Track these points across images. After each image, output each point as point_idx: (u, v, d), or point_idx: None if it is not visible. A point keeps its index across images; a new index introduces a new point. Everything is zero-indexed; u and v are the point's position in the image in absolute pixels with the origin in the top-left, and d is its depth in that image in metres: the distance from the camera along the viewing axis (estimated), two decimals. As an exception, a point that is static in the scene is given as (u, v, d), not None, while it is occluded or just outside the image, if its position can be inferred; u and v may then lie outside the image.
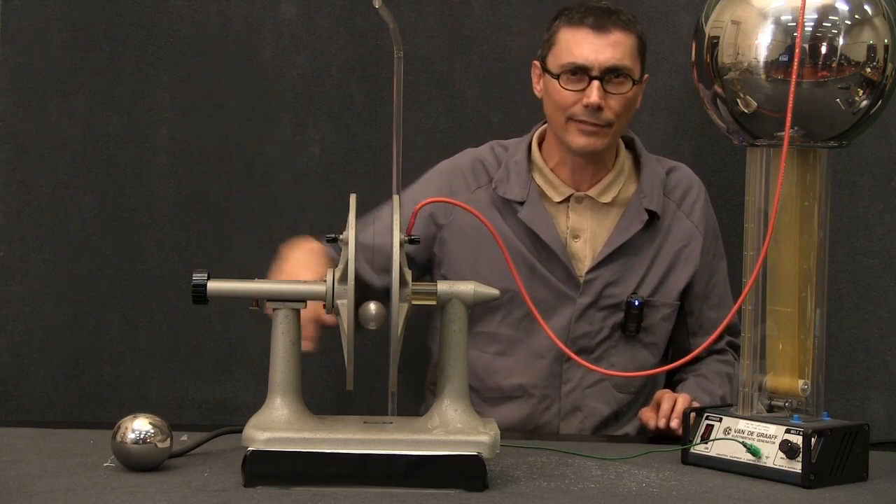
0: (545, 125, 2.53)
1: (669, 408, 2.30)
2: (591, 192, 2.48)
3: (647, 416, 2.35)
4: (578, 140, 2.42)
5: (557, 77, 2.42)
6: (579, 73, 2.40)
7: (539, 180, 2.50)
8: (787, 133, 1.92)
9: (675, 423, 2.29)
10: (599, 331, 2.45)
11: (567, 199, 2.48)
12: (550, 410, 2.47)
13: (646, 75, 2.49)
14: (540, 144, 2.54)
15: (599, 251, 2.45)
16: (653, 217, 2.48)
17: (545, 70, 2.46)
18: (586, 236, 2.47)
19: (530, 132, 2.56)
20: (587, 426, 2.47)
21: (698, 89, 2.11)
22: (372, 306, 1.89)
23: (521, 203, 2.46)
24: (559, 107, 2.43)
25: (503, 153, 2.54)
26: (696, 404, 2.33)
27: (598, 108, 2.39)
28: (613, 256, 2.45)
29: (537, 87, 2.51)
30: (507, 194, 2.47)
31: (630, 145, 2.56)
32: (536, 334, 2.45)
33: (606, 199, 2.48)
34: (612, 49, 2.40)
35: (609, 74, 2.40)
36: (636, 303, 2.44)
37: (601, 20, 2.41)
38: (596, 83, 2.39)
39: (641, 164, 2.53)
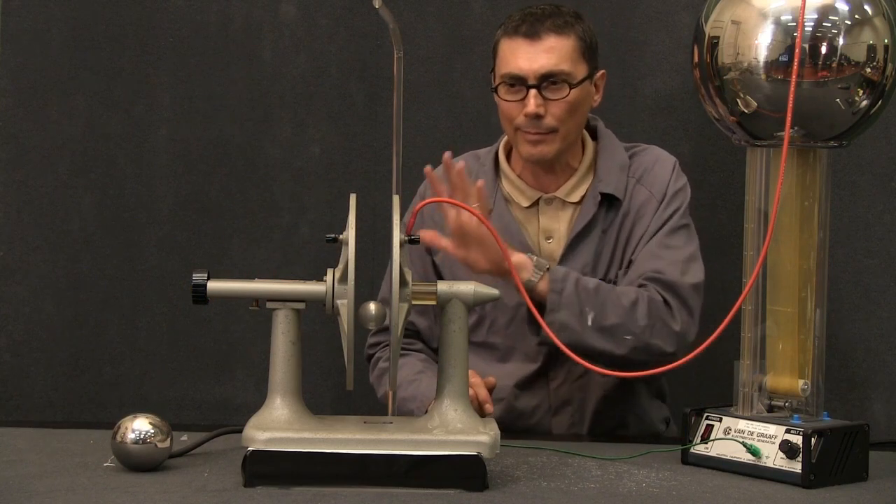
0: None
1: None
2: (559, 193, 2.47)
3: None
4: (526, 149, 2.42)
5: (497, 89, 2.42)
6: (517, 83, 2.40)
7: (507, 187, 2.50)
8: (787, 133, 1.92)
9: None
10: None
11: (536, 203, 2.48)
12: (541, 408, 2.46)
13: (600, 71, 2.47)
14: (508, 152, 2.54)
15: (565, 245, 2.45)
16: (612, 201, 2.45)
17: (493, 82, 2.46)
18: (559, 236, 2.46)
19: (498, 140, 2.56)
20: (578, 420, 2.45)
21: (698, 89, 2.11)
22: (372, 306, 1.89)
23: (489, 212, 2.46)
24: (505, 118, 2.44)
25: (475, 164, 2.54)
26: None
27: (536, 117, 2.38)
28: (579, 248, 2.44)
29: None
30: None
31: (595, 136, 2.54)
32: (526, 339, 2.45)
33: (575, 197, 2.47)
34: (547, 55, 2.39)
35: (545, 81, 2.39)
36: None
37: (534, 27, 2.40)
38: (532, 91, 2.38)
39: (598, 150, 2.50)
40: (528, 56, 2.39)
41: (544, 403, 2.46)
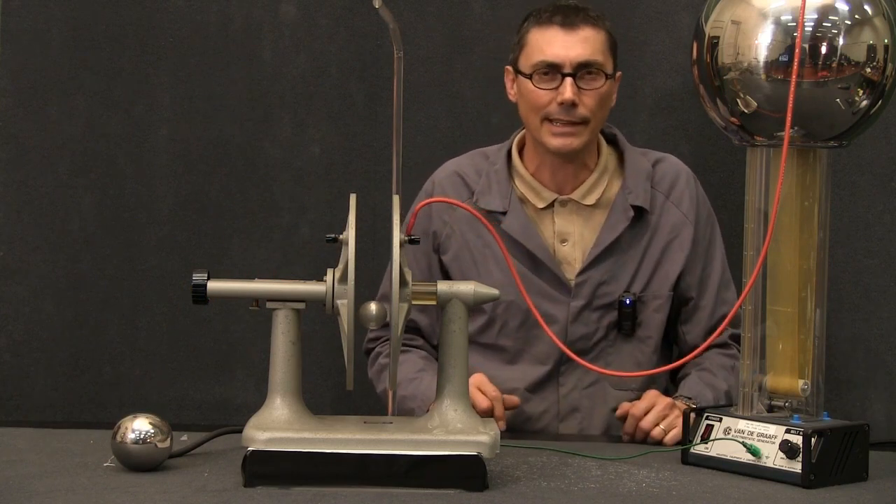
0: (524, 131, 2.52)
1: (644, 408, 2.29)
2: (575, 195, 2.47)
3: (625, 408, 2.33)
4: (555, 141, 2.42)
5: (530, 77, 2.42)
6: (551, 71, 2.40)
7: (521, 187, 2.49)
8: (787, 133, 1.92)
9: (656, 433, 2.27)
10: (595, 331, 2.45)
11: (551, 205, 2.48)
12: (549, 413, 2.46)
13: (618, 72, 2.49)
14: (520, 150, 2.53)
15: (588, 253, 2.45)
16: (640, 212, 2.47)
17: (518, 72, 2.46)
18: (574, 239, 2.46)
19: (510, 139, 2.56)
20: (587, 427, 2.46)
21: (698, 89, 2.11)
22: (372, 306, 1.89)
23: (504, 213, 2.46)
24: (534, 107, 2.43)
25: (483, 162, 2.53)
26: (680, 404, 2.32)
27: (572, 105, 2.39)
28: (603, 256, 2.45)
29: (511, 92, 2.50)
30: (489, 205, 2.46)
31: (613, 141, 2.55)
32: (537, 341, 2.45)
33: (591, 200, 2.47)
34: (583, 45, 2.40)
35: (581, 70, 2.40)
36: (628, 301, 2.43)
37: (569, 17, 2.42)
38: (569, 80, 2.39)
39: (625, 158, 2.51)
40: (564, 44, 2.40)
41: (553, 409, 2.46)
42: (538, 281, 2.43)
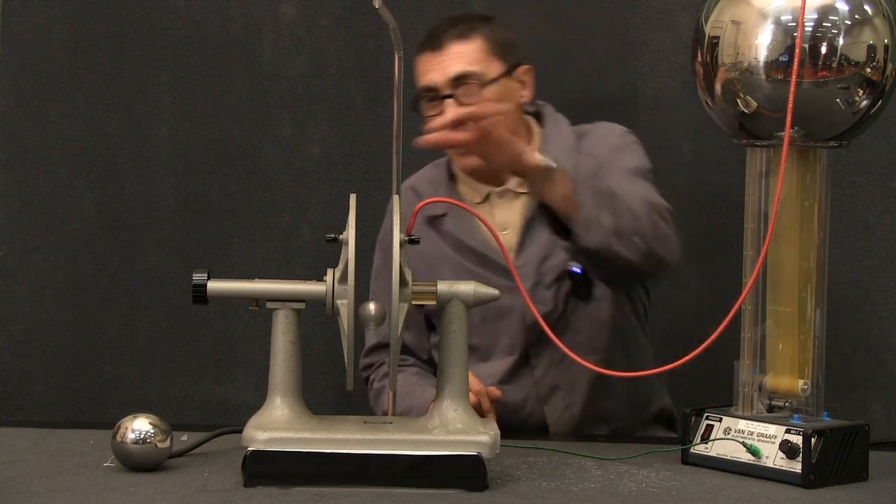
0: None
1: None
2: (510, 185, 2.47)
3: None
4: (461, 162, 2.43)
5: (420, 107, 2.42)
6: (433, 97, 2.39)
7: (462, 188, 2.50)
8: (787, 133, 1.92)
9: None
10: (555, 307, 2.43)
11: (488, 197, 2.48)
12: (530, 398, 2.46)
13: (523, 67, 2.45)
14: None
15: (519, 234, 2.44)
16: None
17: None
18: (514, 227, 2.46)
19: None
20: (571, 403, 2.45)
21: (698, 89, 2.10)
22: (371, 306, 1.89)
23: (444, 215, 2.46)
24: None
25: (435, 171, 2.55)
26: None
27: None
28: (534, 234, 2.43)
29: None
30: (431, 212, 2.47)
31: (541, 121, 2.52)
32: (503, 333, 2.45)
33: (523, 188, 2.46)
34: (454, 63, 2.38)
35: (458, 87, 2.38)
36: (577, 270, 2.40)
37: (436, 38, 2.41)
38: (448, 101, 2.37)
39: (543, 136, 2.49)
40: (435, 67, 2.40)
41: (532, 393, 2.46)
42: (486, 274, 2.42)
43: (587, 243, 2.13)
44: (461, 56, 2.40)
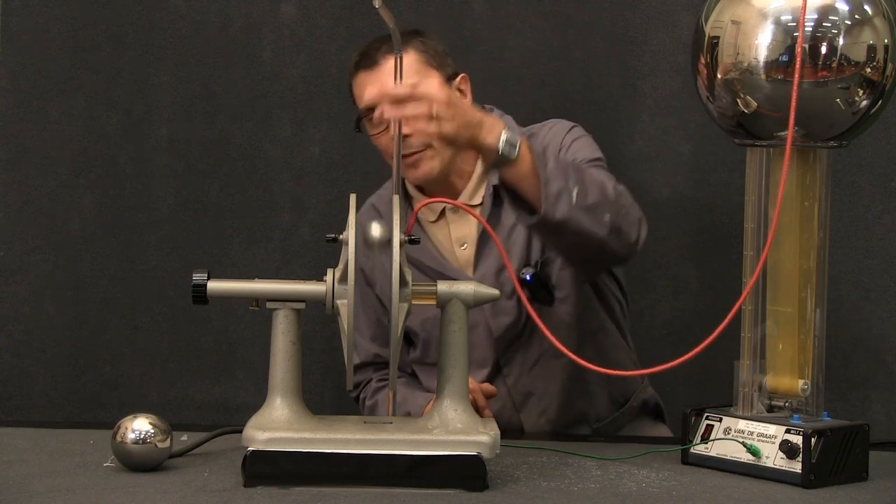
0: None
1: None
2: (462, 198, 2.44)
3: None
4: (412, 175, 2.41)
5: (360, 126, 2.41)
6: (374, 114, 2.35)
7: (416, 206, 2.48)
8: (790, 133, 1.92)
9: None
10: (519, 317, 2.42)
11: (443, 213, 2.46)
12: (505, 407, 2.45)
13: (459, 75, 2.44)
14: None
15: (475, 247, 2.43)
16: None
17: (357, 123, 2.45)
18: (470, 240, 2.44)
19: None
20: (547, 406, 2.45)
21: (698, 89, 2.10)
22: (375, 226, 1.88)
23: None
24: (383, 152, 2.42)
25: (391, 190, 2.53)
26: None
27: (405, 137, 2.24)
28: (487, 245, 2.41)
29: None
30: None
31: None
32: (472, 348, 2.42)
33: (477, 199, 2.44)
34: (389, 78, 2.33)
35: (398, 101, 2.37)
36: (528, 277, 2.37)
37: (369, 56, 2.39)
38: None
39: None
40: (371, 84, 2.39)
41: (507, 402, 2.45)
42: None
43: (554, 215, 2.05)
44: (395, 70, 2.38)
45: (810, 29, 1.95)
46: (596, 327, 2.48)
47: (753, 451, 2.01)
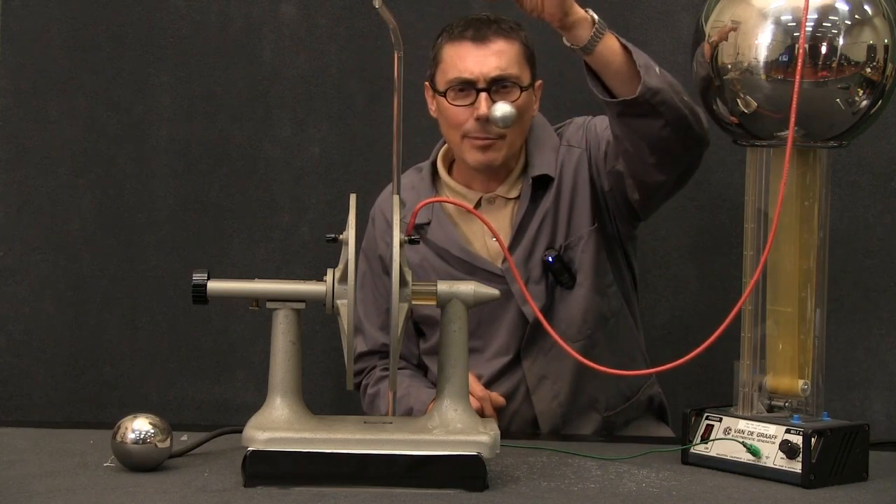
0: (446, 143, 2.52)
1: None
2: (500, 191, 2.47)
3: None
4: (475, 156, 2.41)
5: (445, 94, 2.41)
6: (466, 87, 2.38)
7: (447, 195, 2.49)
8: (790, 133, 1.92)
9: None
10: (546, 301, 2.44)
11: (478, 203, 2.47)
12: (519, 390, 2.45)
13: (538, 81, 2.47)
14: (450, 159, 2.53)
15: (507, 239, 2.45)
16: (547, 182, 2.45)
17: (434, 90, 2.45)
18: (504, 232, 2.45)
19: (434, 151, 2.56)
20: (560, 390, 2.45)
21: (698, 89, 2.10)
22: (500, 105, 2.04)
23: (428, 223, 2.46)
24: (452, 125, 2.42)
25: (416, 177, 2.54)
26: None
27: (487, 121, 2.35)
28: (518, 237, 2.43)
29: (431, 109, 2.49)
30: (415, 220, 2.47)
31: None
32: (497, 335, 2.44)
33: (514, 193, 2.46)
34: (496, 58, 2.38)
35: (495, 85, 2.38)
36: (551, 259, 2.42)
37: (481, 31, 2.40)
38: (483, 95, 2.37)
39: (528, 142, 2.49)
40: (476, 59, 2.39)
41: (521, 385, 2.46)
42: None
43: (651, 82, 2.15)
44: (504, 54, 2.39)
45: (810, 29, 1.95)
46: (612, 312, 2.50)
47: (753, 451, 2.01)
